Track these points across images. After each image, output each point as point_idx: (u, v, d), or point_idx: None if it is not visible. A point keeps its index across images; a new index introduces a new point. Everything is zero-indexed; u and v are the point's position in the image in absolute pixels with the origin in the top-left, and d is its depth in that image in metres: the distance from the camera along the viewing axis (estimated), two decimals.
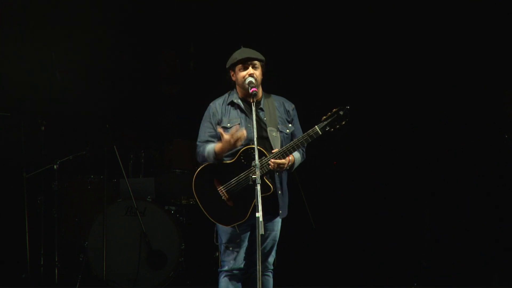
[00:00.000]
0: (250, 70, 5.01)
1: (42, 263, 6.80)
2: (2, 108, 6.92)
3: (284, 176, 5.09)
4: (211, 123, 5.08)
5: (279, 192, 5.02)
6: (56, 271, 6.83)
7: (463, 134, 7.17)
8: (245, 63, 5.01)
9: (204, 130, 5.10)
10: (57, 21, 7.36)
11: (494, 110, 7.07)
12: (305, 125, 5.11)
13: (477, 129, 7.09)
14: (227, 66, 5.11)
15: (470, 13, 7.02)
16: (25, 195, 6.80)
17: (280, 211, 5.04)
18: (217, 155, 4.96)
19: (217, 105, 5.11)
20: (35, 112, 7.00)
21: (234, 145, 4.90)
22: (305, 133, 4.91)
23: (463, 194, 7.13)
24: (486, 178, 7.04)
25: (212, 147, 5.00)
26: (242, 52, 5.04)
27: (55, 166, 6.86)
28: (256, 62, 5.03)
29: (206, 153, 5.00)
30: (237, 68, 5.04)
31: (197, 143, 5.11)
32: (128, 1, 7.41)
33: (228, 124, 5.03)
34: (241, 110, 5.04)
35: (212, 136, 5.05)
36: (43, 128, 6.87)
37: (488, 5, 6.95)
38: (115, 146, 6.85)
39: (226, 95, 5.15)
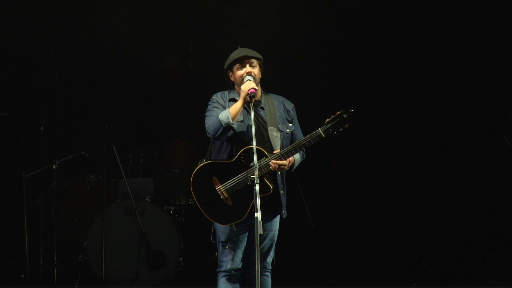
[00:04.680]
0: (248, 68, 5.00)
1: (41, 263, 6.81)
2: (2, 108, 6.92)
3: (284, 175, 5.09)
4: (220, 104, 5.04)
5: (281, 191, 5.01)
6: (55, 271, 6.84)
7: (462, 135, 7.16)
8: (242, 61, 5.01)
9: (214, 110, 5.02)
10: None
11: (493, 111, 7.06)
12: (306, 126, 5.10)
13: (476, 130, 7.08)
14: (225, 67, 5.11)
15: (470, 13, 7.01)
16: (24, 195, 6.80)
17: (283, 211, 5.03)
18: (232, 115, 4.88)
19: (219, 96, 5.11)
20: (35, 112, 7.00)
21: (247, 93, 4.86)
22: (308, 135, 4.88)
23: (463, 194, 7.13)
24: (486, 179, 7.03)
25: (226, 109, 4.93)
26: (239, 52, 5.05)
27: (54, 166, 6.87)
28: (253, 60, 5.03)
29: (219, 116, 4.89)
30: (234, 68, 5.04)
31: (206, 122, 5.02)
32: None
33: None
34: (243, 107, 5.01)
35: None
36: (42, 128, 6.88)
37: (487, 5, 6.93)
38: (114, 146, 6.85)
39: (226, 92, 5.15)
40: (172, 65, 7.90)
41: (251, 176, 4.55)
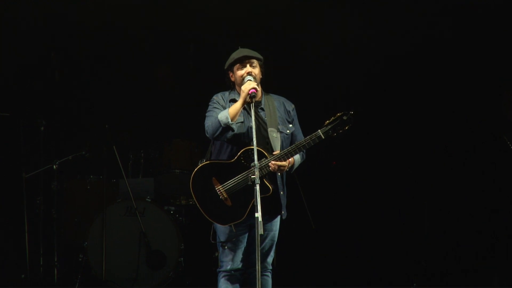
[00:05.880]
0: (248, 68, 5.00)
1: (41, 263, 6.80)
2: (2, 108, 6.92)
3: (284, 176, 5.09)
4: (220, 105, 5.04)
5: (281, 192, 5.01)
6: (56, 271, 6.83)
7: (462, 135, 7.16)
8: (243, 61, 5.01)
9: (214, 110, 5.02)
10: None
11: (493, 111, 7.07)
12: (306, 127, 5.10)
13: (476, 130, 7.09)
14: (225, 67, 5.11)
15: (469, 13, 7.01)
16: (24, 195, 6.80)
17: (283, 211, 5.04)
18: (231, 115, 4.89)
19: (220, 97, 5.11)
20: (35, 112, 7.00)
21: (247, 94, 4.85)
22: (308, 137, 4.89)
23: (463, 194, 7.13)
24: (486, 179, 7.03)
25: (226, 110, 4.93)
26: (240, 52, 5.05)
27: (54, 166, 6.87)
28: (253, 60, 5.03)
29: (219, 116, 4.90)
30: (235, 68, 5.04)
31: (205, 122, 5.02)
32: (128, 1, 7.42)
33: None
34: (243, 108, 5.00)
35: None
36: (42, 128, 6.87)
37: (487, 5, 6.93)
38: (114, 146, 6.85)
39: (227, 93, 5.15)
40: (171, 66, 7.92)
41: (252, 176, 4.56)
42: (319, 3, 7.32)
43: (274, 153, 4.92)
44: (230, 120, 4.88)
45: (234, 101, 5.04)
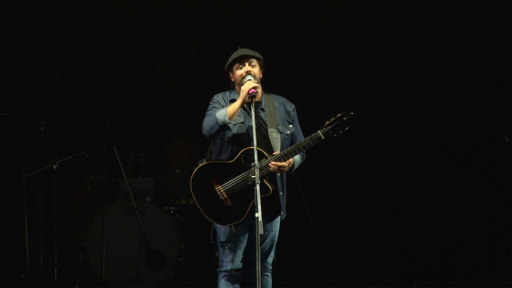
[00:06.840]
0: (247, 67, 5.00)
1: (41, 263, 6.79)
2: (2, 108, 6.92)
3: (284, 176, 5.09)
4: (220, 105, 5.02)
5: (281, 193, 5.01)
6: (56, 271, 6.83)
7: (462, 135, 7.16)
8: (242, 61, 5.01)
9: (213, 110, 4.99)
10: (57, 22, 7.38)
11: (493, 111, 7.07)
12: (306, 127, 5.10)
13: (476, 130, 7.09)
14: (225, 68, 5.10)
15: (469, 13, 7.01)
16: (24, 195, 6.79)
17: (282, 212, 5.04)
18: (229, 114, 4.87)
19: (220, 97, 5.11)
20: (35, 112, 7.00)
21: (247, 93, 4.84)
22: (308, 138, 4.89)
23: (463, 194, 7.13)
24: (486, 179, 7.03)
25: (224, 108, 4.91)
26: (239, 51, 5.04)
27: (54, 166, 6.86)
28: (252, 59, 5.02)
29: (216, 114, 4.88)
30: (234, 68, 5.04)
31: (203, 120, 5.01)
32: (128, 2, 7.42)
33: None
34: (243, 108, 5.01)
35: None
36: (42, 128, 6.86)
37: (488, 4, 6.94)
38: (114, 146, 6.85)
39: (227, 93, 5.14)
40: (171, 66, 7.92)
41: (252, 177, 4.56)
42: (319, 3, 7.32)
43: (274, 153, 4.92)
44: (227, 119, 4.87)
45: (234, 101, 5.02)
